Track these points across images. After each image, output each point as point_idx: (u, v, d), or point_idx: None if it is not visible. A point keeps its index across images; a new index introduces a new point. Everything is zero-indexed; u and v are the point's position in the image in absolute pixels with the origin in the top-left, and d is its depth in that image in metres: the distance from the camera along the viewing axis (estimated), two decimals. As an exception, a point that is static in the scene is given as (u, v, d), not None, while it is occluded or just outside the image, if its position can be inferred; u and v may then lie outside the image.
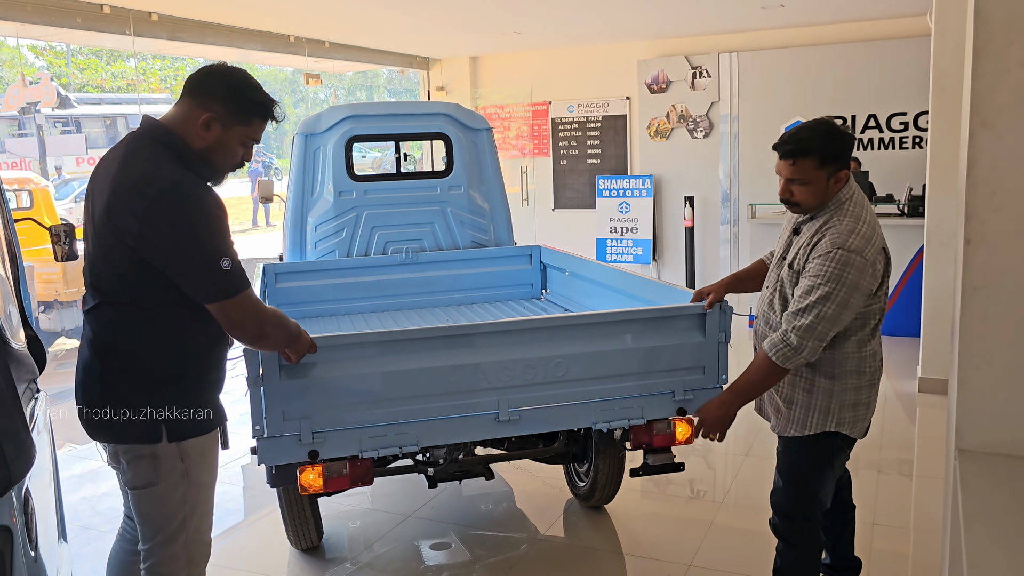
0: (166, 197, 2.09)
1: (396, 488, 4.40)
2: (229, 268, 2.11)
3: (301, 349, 2.51)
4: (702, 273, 8.73)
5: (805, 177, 2.52)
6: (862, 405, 2.62)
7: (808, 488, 2.67)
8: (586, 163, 9.53)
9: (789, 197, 2.58)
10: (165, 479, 2.24)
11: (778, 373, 2.55)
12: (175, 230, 2.10)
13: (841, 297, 2.43)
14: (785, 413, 2.68)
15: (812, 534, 2.71)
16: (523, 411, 2.87)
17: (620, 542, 3.82)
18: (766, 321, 2.73)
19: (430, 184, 4.76)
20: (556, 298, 4.69)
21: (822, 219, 2.56)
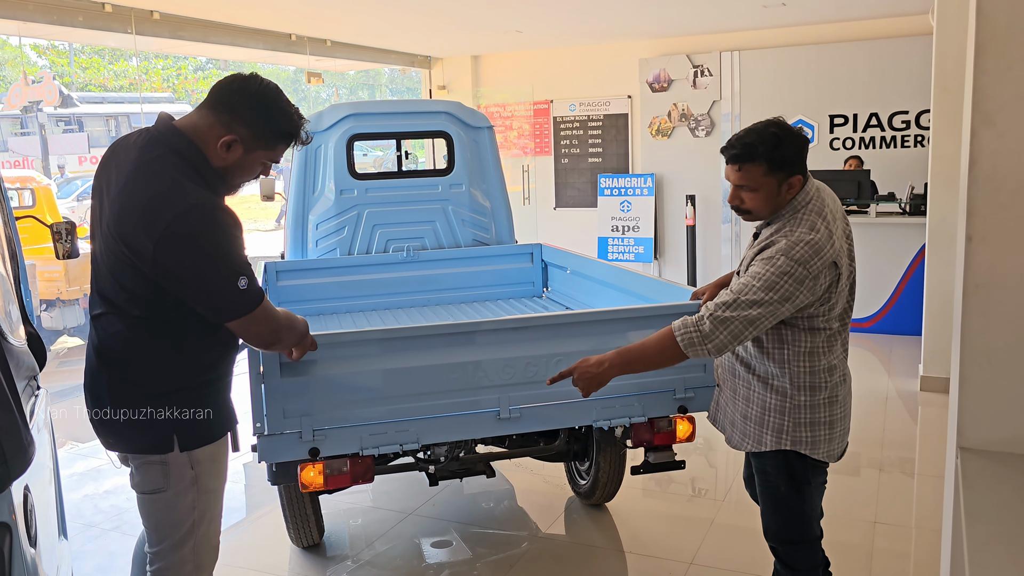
0: (182, 222, 2.03)
1: (397, 486, 4.40)
2: (246, 287, 2.09)
3: (305, 346, 2.50)
4: (703, 272, 8.72)
5: (752, 184, 2.38)
6: (821, 424, 2.45)
7: (793, 510, 2.53)
8: (587, 162, 9.53)
9: (739, 204, 2.45)
10: (175, 486, 2.20)
11: (675, 355, 2.36)
12: (192, 257, 2.06)
13: (770, 304, 2.28)
14: (740, 427, 2.56)
15: (811, 556, 2.59)
16: (524, 409, 2.87)
17: (621, 540, 3.82)
18: None
19: (431, 182, 4.76)
20: (557, 296, 4.69)
21: (776, 225, 2.43)
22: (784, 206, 2.42)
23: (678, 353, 2.34)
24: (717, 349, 2.31)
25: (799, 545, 2.58)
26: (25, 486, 1.66)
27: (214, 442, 2.26)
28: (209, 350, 2.24)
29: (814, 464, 2.49)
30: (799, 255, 2.28)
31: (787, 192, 2.39)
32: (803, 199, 2.41)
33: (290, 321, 2.36)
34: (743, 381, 2.53)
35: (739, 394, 2.56)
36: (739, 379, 2.55)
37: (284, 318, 2.32)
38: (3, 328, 1.86)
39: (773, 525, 2.59)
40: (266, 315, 2.19)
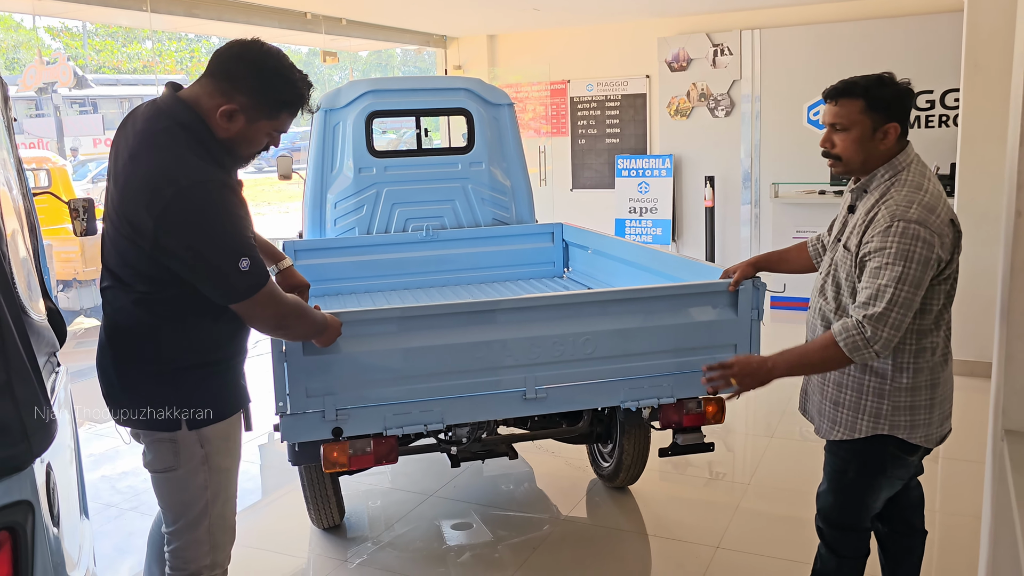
0: (183, 200, 1.97)
1: (416, 467, 4.36)
2: (248, 269, 2.02)
3: (330, 339, 2.45)
4: (722, 254, 8.62)
5: (846, 121, 2.26)
6: (921, 408, 2.31)
7: (854, 497, 2.43)
8: (605, 143, 9.42)
9: (829, 148, 2.33)
10: (185, 465, 2.17)
11: (840, 361, 2.24)
12: (192, 236, 1.99)
13: (913, 276, 2.14)
14: (830, 415, 2.42)
15: (857, 545, 2.50)
16: (550, 389, 2.81)
17: (645, 523, 3.77)
18: (818, 311, 2.47)
19: (451, 160, 4.68)
20: (579, 276, 4.61)
21: (878, 192, 2.29)
22: (877, 160, 2.29)
23: (843, 358, 2.23)
24: (885, 347, 2.19)
25: (848, 532, 2.49)
26: (47, 464, 1.61)
27: (223, 421, 2.21)
28: (215, 329, 2.17)
29: (895, 456, 2.37)
30: (916, 215, 2.17)
31: (881, 141, 2.26)
32: (904, 160, 2.30)
33: (299, 310, 2.28)
34: None
35: (830, 379, 2.42)
36: None
37: (292, 307, 2.24)
38: (24, 302, 1.81)
39: (827, 506, 2.51)
40: (270, 299, 2.12)
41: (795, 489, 4.02)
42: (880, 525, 2.63)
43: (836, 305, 2.40)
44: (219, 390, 2.20)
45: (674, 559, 3.43)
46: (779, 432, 4.79)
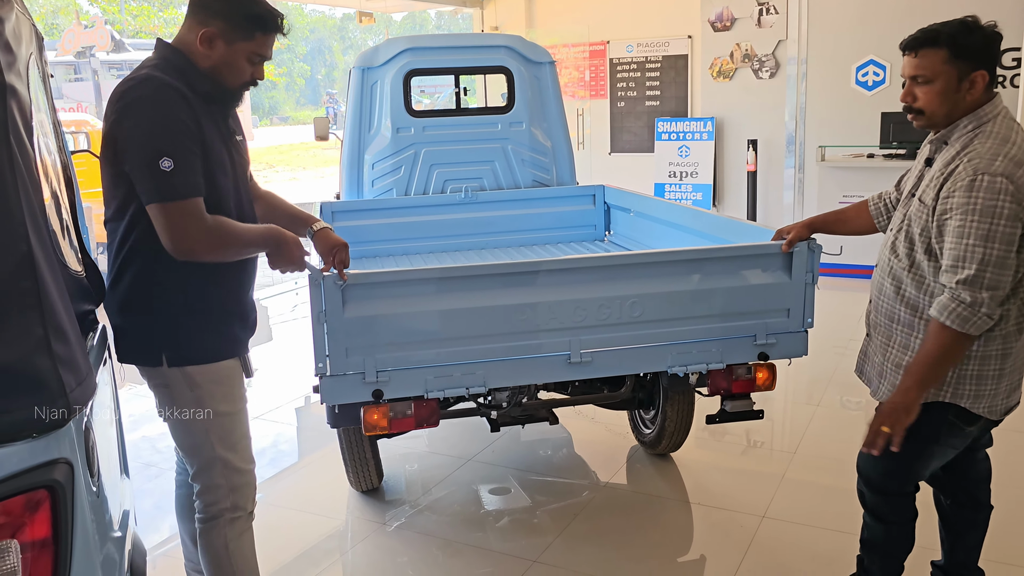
0: (130, 93, 2.09)
1: (454, 431, 4.32)
2: (169, 170, 2.02)
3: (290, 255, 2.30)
4: (764, 220, 8.42)
5: (929, 73, 2.12)
6: (989, 378, 2.19)
7: (903, 463, 2.32)
8: (645, 105, 9.22)
9: (911, 102, 2.18)
10: (181, 409, 2.26)
11: (962, 340, 2.09)
12: (129, 126, 2.08)
13: (1002, 232, 2.00)
14: (891, 378, 2.31)
15: (904, 509, 2.43)
16: (595, 353, 2.72)
17: (688, 491, 3.69)
18: (888, 270, 2.32)
19: (491, 120, 4.58)
20: (621, 240, 4.51)
21: (959, 144, 2.14)
22: (963, 112, 2.15)
23: (962, 338, 2.09)
24: (992, 308, 2.05)
25: (892, 497, 2.42)
26: (86, 423, 1.57)
27: (210, 363, 2.25)
28: (187, 270, 2.18)
29: (952, 425, 2.26)
30: (1001, 168, 2.03)
31: (968, 91, 2.12)
32: (990, 111, 2.14)
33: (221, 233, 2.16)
34: (904, 326, 2.28)
35: (895, 341, 2.31)
36: (899, 324, 2.30)
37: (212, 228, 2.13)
38: (64, 256, 1.76)
39: (871, 470, 2.43)
40: (184, 214, 2.07)
41: (843, 459, 3.90)
42: (943, 498, 2.53)
43: (909, 263, 2.26)
44: (199, 332, 2.23)
45: (720, 528, 3.36)
46: (824, 401, 4.67)
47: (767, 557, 3.11)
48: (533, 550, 3.21)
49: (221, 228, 2.16)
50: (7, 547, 1.35)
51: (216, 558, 2.37)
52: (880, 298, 2.34)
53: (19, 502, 1.36)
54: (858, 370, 2.53)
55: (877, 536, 2.48)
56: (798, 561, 3.07)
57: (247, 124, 17.67)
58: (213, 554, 2.37)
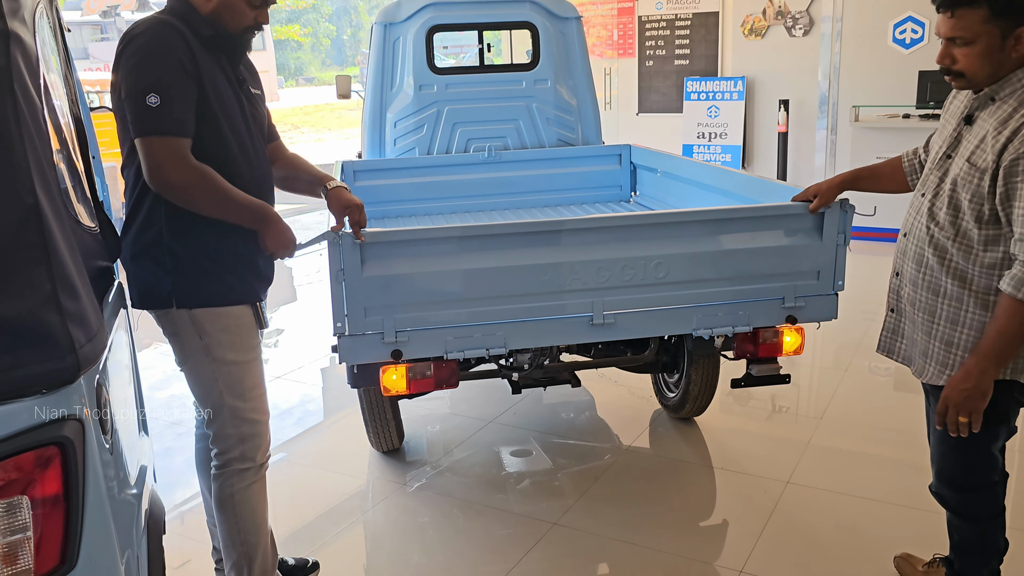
0: (131, 33, 2.12)
1: (476, 393, 4.31)
2: (155, 105, 2.03)
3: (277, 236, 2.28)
4: (794, 182, 8.20)
5: (968, 34, 1.93)
6: None
7: (982, 451, 2.17)
8: (673, 64, 9.02)
9: (950, 65, 2.01)
10: (190, 356, 2.29)
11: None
12: (128, 61, 2.10)
13: None
14: (941, 357, 2.15)
15: (994, 502, 2.27)
16: (619, 315, 2.67)
17: (711, 456, 3.65)
18: (927, 239, 2.14)
19: (515, 78, 4.48)
20: (647, 200, 4.42)
21: (1013, 102, 1.95)
22: (1008, 70, 1.97)
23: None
24: None
25: (977, 492, 2.25)
26: (98, 379, 1.54)
27: (218, 307, 2.25)
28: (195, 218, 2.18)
29: (1017, 401, 2.13)
30: None
31: (1013, 49, 1.93)
32: None
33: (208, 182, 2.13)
34: (951, 300, 2.12)
35: (942, 317, 2.14)
36: (944, 298, 2.13)
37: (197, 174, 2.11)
38: (75, 210, 1.73)
39: (951, 470, 2.25)
40: (166, 147, 2.07)
41: (870, 425, 3.85)
42: None
43: (955, 231, 2.09)
44: (208, 276, 2.23)
45: (743, 493, 3.32)
46: (853, 367, 4.59)
47: (790, 523, 3.07)
48: (553, 512, 3.20)
49: (203, 175, 2.13)
50: (18, 503, 1.34)
51: (223, 507, 2.40)
52: (921, 271, 2.17)
53: (29, 458, 1.35)
54: (884, 349, 2.37)
55: (972, 537, 2.30)
56: (821, 528, 3.03)
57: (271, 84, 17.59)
58: (220, 503, 2.41)
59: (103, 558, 1.47)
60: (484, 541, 3.06)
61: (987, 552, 2.31)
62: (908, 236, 2.23)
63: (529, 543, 3.00)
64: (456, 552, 3.00)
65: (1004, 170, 1.93)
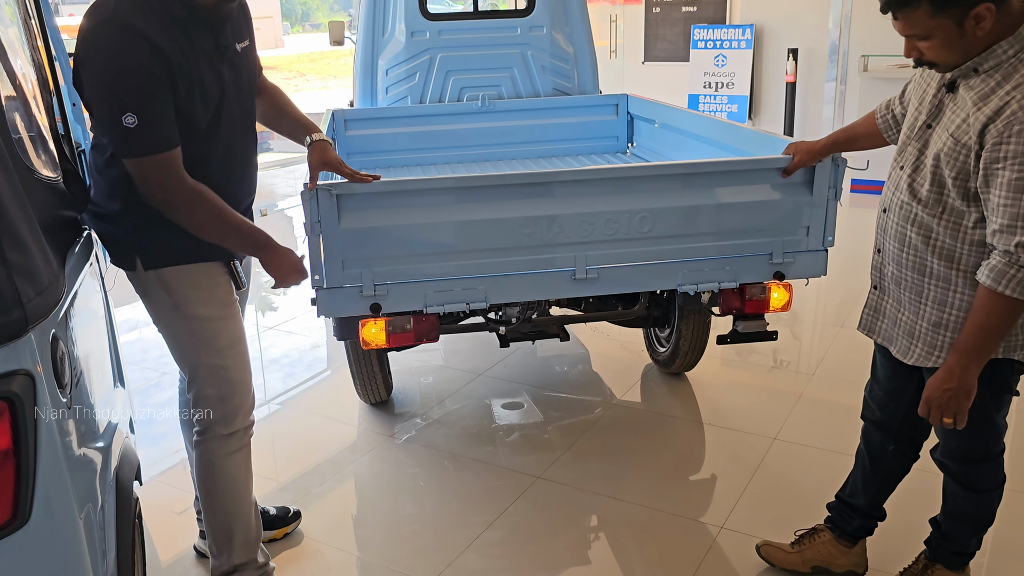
0: (88, 37, 1.95)
1: (468, 345, 4.29)
2: (132, 126, 1.92)
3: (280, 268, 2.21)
4: (802, 134, 8.11)
5: (921, 31, 1.82)
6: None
7: (985, 424, 2.10)
8: (681, 11, 8.81)
9: (919, 56, 1.89)
10: (162, 315, 2.22)
11: (1019, 308, 1.85)
12: (90, 77, 1.97)
13: None
14: (927, 337, 2.06)
15: (997, 473, 2.22)
16: (602, 269, 2.62)
17: (700, 411, 3.64)
18: (909, 217, 2.03)
19: (510, 24, 4.37)
20: (643, 152, 4.34)
21: (998, 74, 1.82)
22: (984, 45, 1.82)
23: (1018, 305, 1.84)
24: None
25: (982, 464, 2.20)
26: (53, 333, 1.52)
27: (185, 264, 2.17)
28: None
29: (1018, 373, 2.07)
30: None
31: (976, 28, 1.79)
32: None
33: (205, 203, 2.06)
34: (938, 280, 2.02)
35: (929, 297, 2.05)
36: (931, 278, 2.03)
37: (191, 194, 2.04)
38: (30, 161, 1.68)
39: (954, 442, 2.18)
40: (156, 167, 1.98)
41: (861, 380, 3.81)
42: (887, 443, 2.34)
43: (941, 208, 1.96)
44: (171, 234, 2.12)
45: (729, 448, 3.31)
46: (850, 322, 4.55)
47: (774, 480, 3.06)
48: (539, 466, 3.20)
49: (200, 195, 2.05)
50: (-34, 458, 1.32)
51: (202, 474, 2.33)
52: (904, 250, 2.07)
53: (-24, 414, 1.33)
54: (865, 328, 2.28)
55: (968, 507, 2.25)
56: (805, 485, 3.02)
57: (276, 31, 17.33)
58: (200, 469, 2.33)
59: (60, 512, 1.45)
60: (468, 494, 3.06)
61: (980, 522, 2.28)
62: (888, 212, 2.12)
63: (513, 496, 3.01)
64: (439, 504, 3.01)
65: (985, 154, 1.82)
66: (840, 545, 2.51)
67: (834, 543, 2.52)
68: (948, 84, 1.95)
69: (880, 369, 2.32)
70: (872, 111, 2.36)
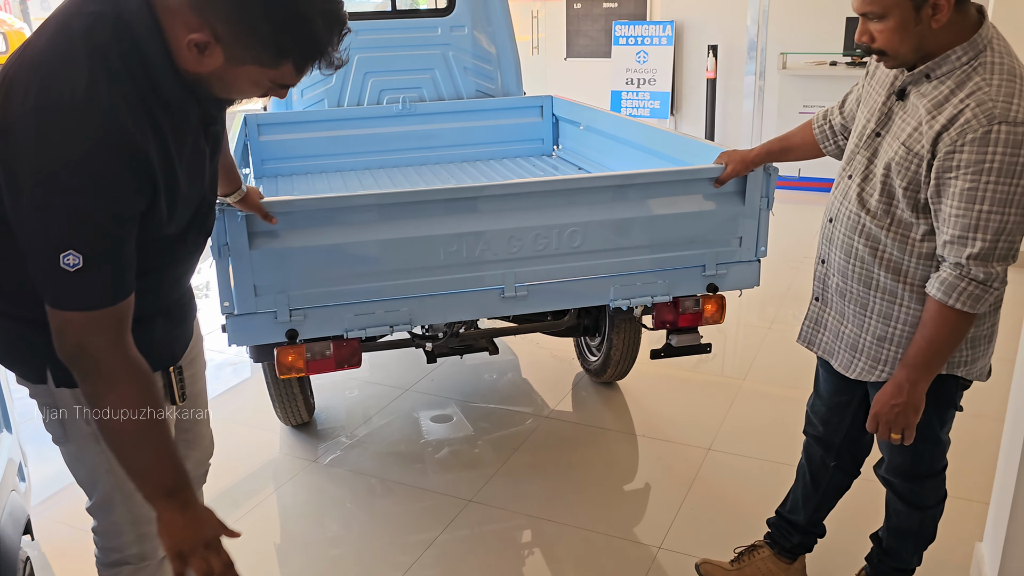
0: (27, 124, 1.26)
1: (394, 359, 4.14)
2: (74, 269, 1.28)
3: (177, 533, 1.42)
4: (722, 129, 8.18)
5: (878, 8, 1.72)
6: (981, 340, 1.94)
7: (931, 438, 2.06)
8: (602, 7, 8.77)
9: (869, 42, 1.78)
10: (74, 439, 1.63)
11: (968, 321, 1.81)
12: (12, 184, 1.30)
13: (1022, 192, 1.67)
14: (871, 351, 2.01)
15: (940, 490, 2.19)
16: (532, 286, 2.51)
17: (633, 422, 3.57)
18: (857, 228, 1.96)
19: (430, 24, 4.22)
20: (569, 155, 4.25)
21: (953, 80, 1.74)
22: (937, 41, 1.75)
23: (970, 318, 1.80)
24: (1004, 280, 1.78)
25: (926, 480, 2.16)
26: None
27: None
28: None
29: (961, 387, 2.03)
30: (1020, 114, 1.65)
31: (932, 19, 1.71)
32: (985, 35, 1.74)
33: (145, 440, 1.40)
34: (885, 293, 1.96)
35: (874, 310, 1.98)
36: (878, 291, 1.97)
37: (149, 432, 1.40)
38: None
39: (899, 459, 2.13)
40: (94, 327, 1.33)
41: (793, 385, 3.81)
42: (827, 459, 2.30)
43: (890, 220, 1.89)
44: None
45: (663, 462, 3.24)
46: (778, 318, 4.56)
47: (710, 494, 3.01)
48: (470, 487, 3.07)
49: (135, 382, 1.39)
50: None
51: None
52: (850, 262, 2.00)
53: None
54: (805, 340, 2.22)
55: (912, 524, 2.22)
56: (741, 497, 2.98)
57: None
58: None
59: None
60: (397, 520, 2.92)
61: (923, 539, 2.26)
62: (835, 222, 2.05)
63: (445, 522, 2.88)
64: (366, 533, 2.86)
65: (938, 163, 1.75)
66: (780, 562, 2.47)
67: (774, 559, 2.48)
68: (898, 92, 1.87)
69: (823, 384, 2.27)
70: (808, 121, 2.29)
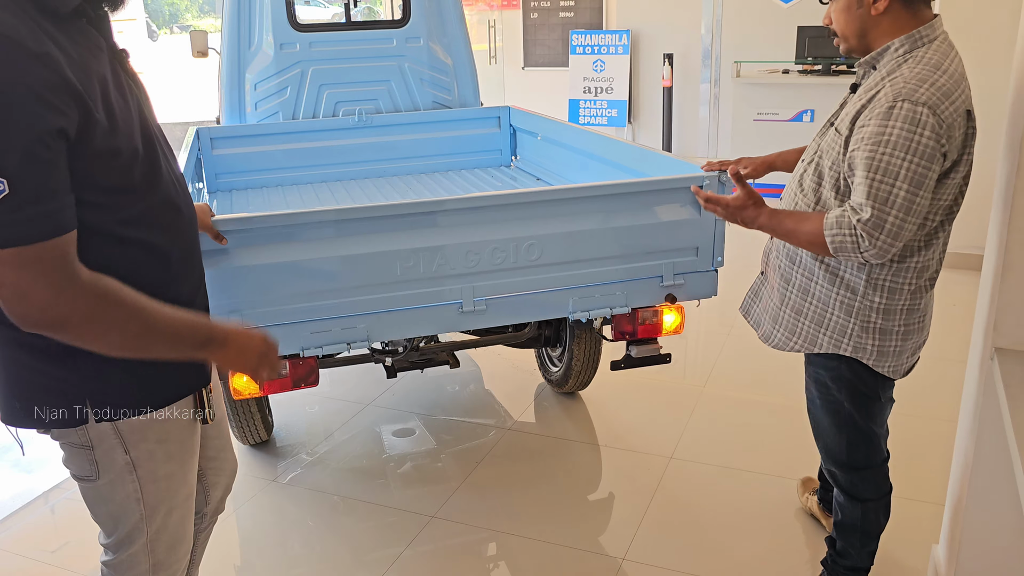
0: None
1: (354, 373, 4.09)
2: (3, 196, 1.21)
3: (241, 357, 1.54)
4: (679, 137, 8.25)
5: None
6: (892, 334, 2.02)
7: (858, 430, 2.16)
8: (559, 16, 8.81)
9: (828, 24, 1.98)
10: (106, 474, 1.57)
11: (820, 250, 1.92)
12: None
13: (915, 171, 1.75)
14: (789, 323, 2.14)
15: (879, 483, 2.25)
16: (490, 300, 2.49)
17: (596, 432, 3.57)
18: (792, 205, 2.11)
19: (385, 35, 4.19)
20: (527, 166, 4.25)
21: (885, 69, 1.87)
22: (880, 33, 1.89)
23: (824, 250, 1.91)
24: (879, 256, 1.85)
25: (864, 471, 2.23)
26: None
27: (151, 413, 1.55)
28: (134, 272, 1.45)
29: (883, 378, 2.10)
30: (926, 97, 1.74)
31: (872, 7, 1.85)
32: (928, 34, 1.86)
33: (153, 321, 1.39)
34: (803, 270, 2.09)
35: (794, 285, 2.12)
36: (799, 267, 2.10)
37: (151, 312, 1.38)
38: None
39: (834, 447, 2.22)
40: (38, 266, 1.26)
41: (753, 390, 3.85)
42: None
43: (815, 199, 2.01)
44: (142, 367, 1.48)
45: (625, 472, 3.24)
46: (738, 323, 4.60)
47: (673, 503, 3.01)
48: (433, 503, 3.04)
49: (106, 293, 1.34)
50: None
51: None
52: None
53: None
54: (743, 310, 2.37)
55: (854, 517, 2.27)
56: (704, 507, 2.98)
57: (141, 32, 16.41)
58: None
59: None
60: (360, 538, 2.88)
61: (867, 534, 2.30)
62: (782, 200, 2.19)
63: (408, 538, 2.85)
64: (329, 552, 2.81)
65: (853, 137, 1.87)
66: None
67: None
68: (852, 86, 2.02)
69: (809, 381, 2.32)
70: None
